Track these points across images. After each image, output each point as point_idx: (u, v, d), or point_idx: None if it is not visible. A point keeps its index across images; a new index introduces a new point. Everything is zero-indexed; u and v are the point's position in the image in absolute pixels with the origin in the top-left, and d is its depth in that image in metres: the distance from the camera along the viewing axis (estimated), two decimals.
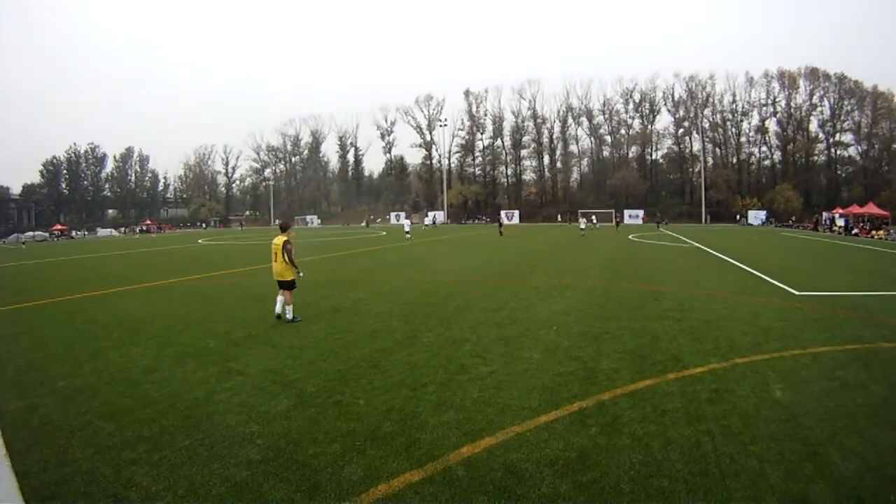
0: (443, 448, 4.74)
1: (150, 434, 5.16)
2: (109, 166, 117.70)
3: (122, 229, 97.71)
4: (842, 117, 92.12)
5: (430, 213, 46.65)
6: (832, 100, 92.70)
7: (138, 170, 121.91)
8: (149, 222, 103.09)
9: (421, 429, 5.17)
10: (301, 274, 10.54)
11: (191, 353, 8.23)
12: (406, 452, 4.67)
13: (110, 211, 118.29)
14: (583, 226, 48.98)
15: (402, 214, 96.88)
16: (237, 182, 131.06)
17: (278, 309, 10.39)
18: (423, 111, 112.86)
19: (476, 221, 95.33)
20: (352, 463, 4.50)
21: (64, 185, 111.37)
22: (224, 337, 9.25)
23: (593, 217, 52.49)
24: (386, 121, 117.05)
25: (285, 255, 10.21)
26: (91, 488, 4.16)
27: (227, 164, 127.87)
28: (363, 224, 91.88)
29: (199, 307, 12.41)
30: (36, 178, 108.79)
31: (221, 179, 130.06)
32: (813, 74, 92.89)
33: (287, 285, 10.29)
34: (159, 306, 12.62)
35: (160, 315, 11.45)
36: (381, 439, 4.95)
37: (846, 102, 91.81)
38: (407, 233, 41.63)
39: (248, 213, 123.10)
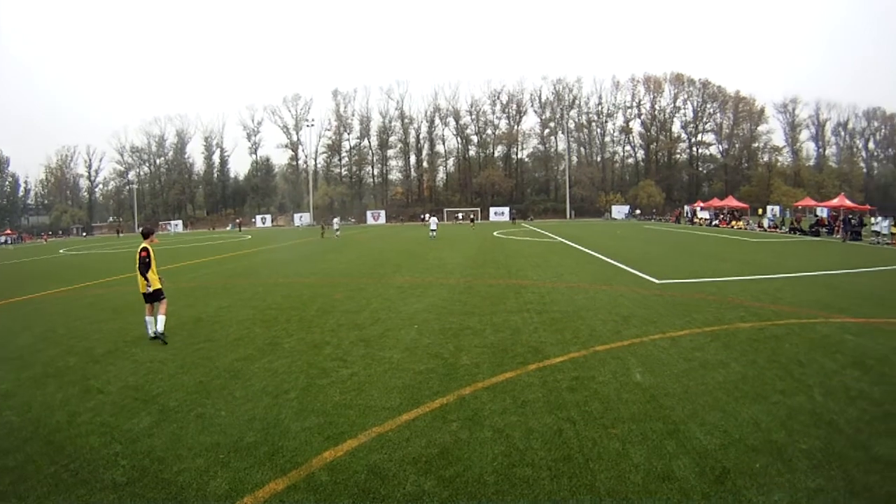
0: (306, 454, 4.78)
1: (15, 464, 4.83)
2: None
3: None
4: (704, 119, 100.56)
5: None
6: (695, 103, 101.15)
7: None
8: (8, 231, 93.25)
9: (283, 436, 5.17)
10: (151, 288, 9.35)
11: (51, 373, 7.70)
12: (270, 461, 4.68)
13: None
14: (433, 226, 39.83)
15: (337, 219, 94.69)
16: (100, 186, 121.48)
17: (150, 331, 9.39)
18: (290, 111, 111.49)
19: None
20: (216, 477, 4.45)
21: None
22: (85, 354, 8.70)
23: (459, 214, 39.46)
24: (253, 120, 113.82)
25: (139, 263, 9.25)
26: None
27: (90, 166, 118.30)
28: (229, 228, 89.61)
29: (59, 323, 11.48)
30: None
31: (84, 183, 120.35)
32: (678, 79, 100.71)
33: (153, 296, 9.40)
34: (18, 324, 11.63)
35: (19, 333, 10.55)
36: (245, 450, 4.91)
37: (709, 105, 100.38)
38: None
39: (111, 219, 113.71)
